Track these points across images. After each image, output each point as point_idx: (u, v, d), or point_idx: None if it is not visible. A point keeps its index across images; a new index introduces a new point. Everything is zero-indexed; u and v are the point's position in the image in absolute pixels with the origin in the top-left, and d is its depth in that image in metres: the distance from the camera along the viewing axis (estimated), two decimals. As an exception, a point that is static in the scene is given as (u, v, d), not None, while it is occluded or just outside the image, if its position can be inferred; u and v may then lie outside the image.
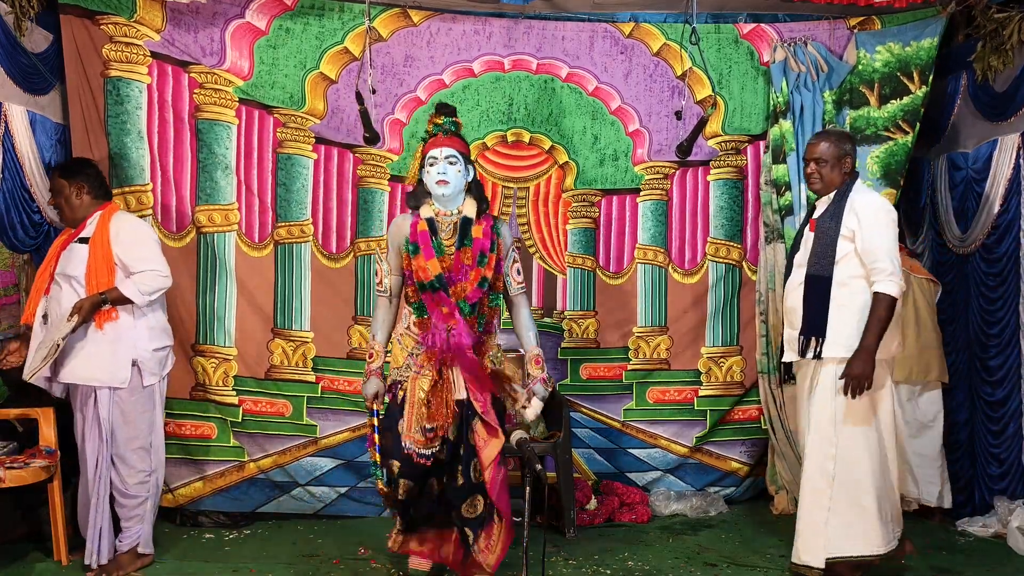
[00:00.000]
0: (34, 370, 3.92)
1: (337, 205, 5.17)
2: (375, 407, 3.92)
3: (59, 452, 4.13)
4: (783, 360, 4.23)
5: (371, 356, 3.96)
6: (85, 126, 4.80)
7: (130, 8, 4.78)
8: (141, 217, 4.87)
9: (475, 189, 3.94)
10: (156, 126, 4.91)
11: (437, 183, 3.80)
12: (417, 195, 3.95)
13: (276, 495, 5.08)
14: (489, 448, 3.78)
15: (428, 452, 3.78)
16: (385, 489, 3.90)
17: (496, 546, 3.86)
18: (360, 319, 5.16)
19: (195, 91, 4.94)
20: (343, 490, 5.14)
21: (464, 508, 3.84)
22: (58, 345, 3.87)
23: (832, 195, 4.06)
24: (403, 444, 3.79)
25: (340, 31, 5.05)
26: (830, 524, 3.94)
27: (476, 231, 3.85)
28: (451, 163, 3.81)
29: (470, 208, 3.89)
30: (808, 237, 4.09)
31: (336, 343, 5.14)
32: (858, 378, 3.81)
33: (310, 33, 5.04)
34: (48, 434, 4.15)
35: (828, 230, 3.98)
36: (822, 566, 3.95)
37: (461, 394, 3.79)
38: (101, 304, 3.98)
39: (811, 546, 3.97)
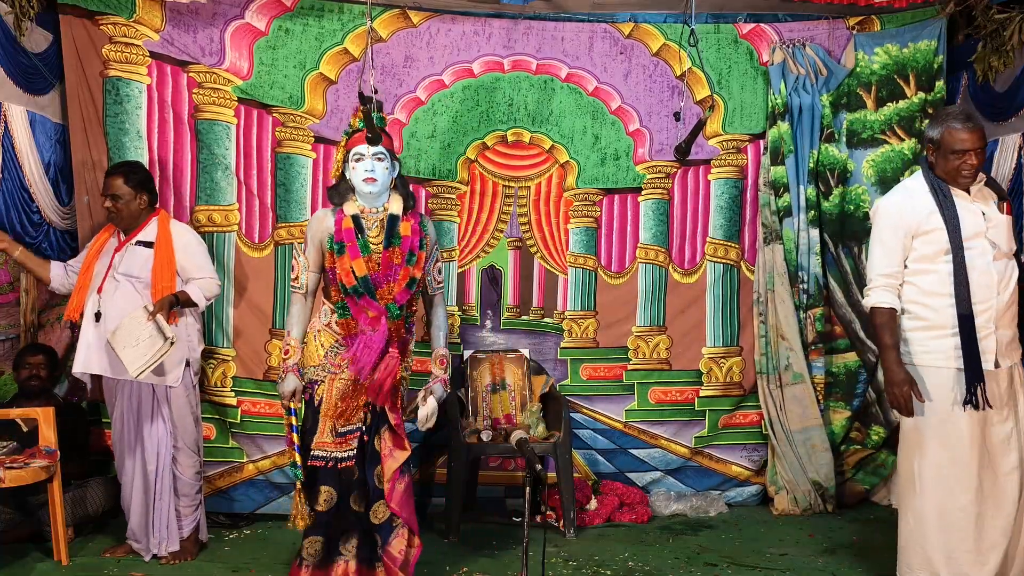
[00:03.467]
0: (142, 368, 4.02)
1: (337, 205, 5.16)
2: (292, 405, 3.79)
3: (59, 452, 4.12)
4: (986, 367, 3.55)
5: (286, 352, 3.81)
6: (84, 126, 4.80)
7: (129, 8, 4.78)
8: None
9: (401, 186, 3.82)
10: (156, 126, 4.91)
11: (364, 180, 3.67)
12: (340, 191, 3.80)
13: (275, 496, 5.06)
14: (392, 459, 3.70)
15: (345, 454, 3.69)
16: (302, 491, 3.74)
17: (408, 559, 3.74)
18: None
19: (194, 91, 4.94)
20: (343, 491, 5.13)
21: (371, 514, 3.74)
22: (172, 342, 4.05)
23: (978, 181, 3.67)
24: (313, 454, 3.69)
25: (339, 32, 5.05)
26: None
27: (404, 228, 3.73)
28: (379, 160, 3.69)
29: (396, 205, 3.76)
30: (1001, 221, 3.65)
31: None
32: None
33: (309, 34, 5.04)
34: (48, 434, 4.15)
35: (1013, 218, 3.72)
36: None
37: (371, 396, 3.68)
38: (173, 306, 4.18)
39: None
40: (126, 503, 4.33)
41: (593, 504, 5.13)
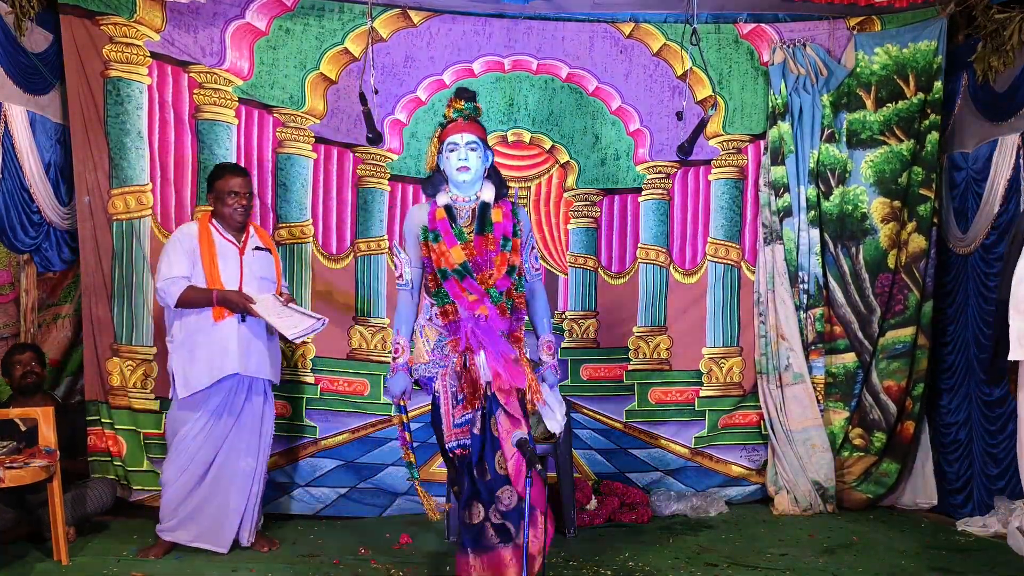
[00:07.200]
0: (299, 335, 4.21)
1: (337, 205, 5.16)
2: (403, 403, 3.82)
3: (58, 452, 4.12)
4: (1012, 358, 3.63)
5: (396, 351, 3.81)
6: (85, 126, 4.80)
7: (130, 8, 4.79)
8: (140, 218, 4.89)
9: (493, 174, 3.84)
10: (156, 126, 4.92)
11: (458, 169, 3.69)
12: (434, 182, 3.82)
13: (276, 496, 5.06)
14: (512, 438, 3.62)
15: (467, 442, 3.68)
16: (425, 493, 3.84)
17: (543, 544, 3.61)
18: (360, 320, 5.16)
19: (195, 91, 4.94)
20: (343, 491, 5.14)
21: (499, 503, 3.64)
22: (324, 323, 4.29)
23: None
24: (449, 446, 3.70)
25: (340, 32, 5.06)
26: None
27: (496, 215, 3.74)
28: (472, 149, 3.69)
29: (488, 193, 3.77)
30: None
31: (336, 344, 5.14)
32: None
33: (310, 34, 5.04)
34: (48, 434, 4.14)
35: None
36: None
37: (486, 378, 3.63)
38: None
39: None
40: (198, 502, 4.29)
41: (593, 504, 5.13)
